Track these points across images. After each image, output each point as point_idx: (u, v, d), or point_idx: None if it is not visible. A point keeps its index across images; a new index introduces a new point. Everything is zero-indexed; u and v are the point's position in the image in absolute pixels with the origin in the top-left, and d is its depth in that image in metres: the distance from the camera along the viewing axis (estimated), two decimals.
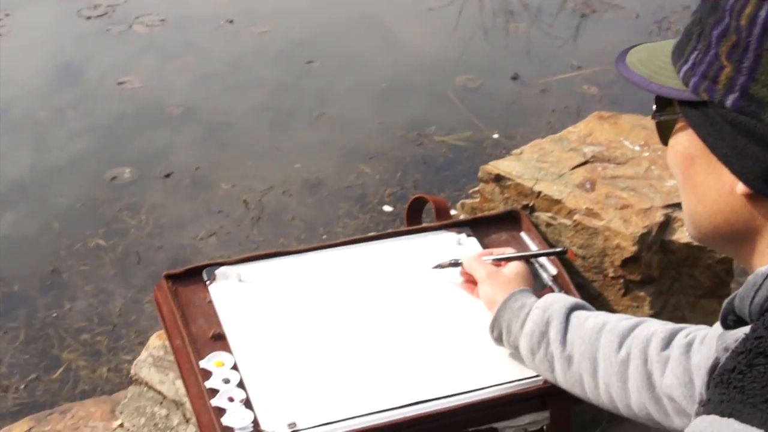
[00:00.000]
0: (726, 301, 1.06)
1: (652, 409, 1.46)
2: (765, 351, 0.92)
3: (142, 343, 2.95)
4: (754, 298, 0.99)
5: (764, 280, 0.98)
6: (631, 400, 1.48)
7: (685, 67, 1.03)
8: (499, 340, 1.68)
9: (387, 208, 3.60)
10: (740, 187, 1.00)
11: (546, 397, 1.68)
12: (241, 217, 3.55)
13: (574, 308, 1.61)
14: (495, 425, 1.70)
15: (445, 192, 3.68)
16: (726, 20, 0.98)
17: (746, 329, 0.99)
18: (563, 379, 1.59)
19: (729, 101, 0.98)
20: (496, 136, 4.04)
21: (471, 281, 1.79)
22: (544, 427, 1.75)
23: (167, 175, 3.76)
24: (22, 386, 2.82)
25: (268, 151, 3.94)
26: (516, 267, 1.74)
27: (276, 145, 3.98)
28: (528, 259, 1.81)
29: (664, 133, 1.11)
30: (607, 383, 1.51)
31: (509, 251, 1.79)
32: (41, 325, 3.03)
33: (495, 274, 1.73)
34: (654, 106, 1.10)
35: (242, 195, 3.65)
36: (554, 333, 1.58)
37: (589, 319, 1.57)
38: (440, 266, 1.83)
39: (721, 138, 1.00)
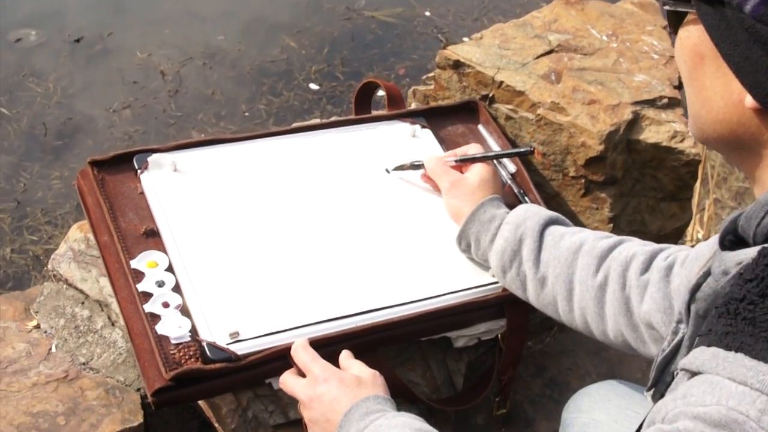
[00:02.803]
0: (728, 219, 0.96)
1: (629, 336, 1.35)
2: None
3: (50, 223, 2.76)
4: (763, 218, 0.90)
5: None
6: (608, 326, 1.37)
7: None
8: (467, 251, 1.55)
9: (313, 86, 3.41)
10: (749, 100, 0.90)
11: (504, 305, 1.57)
12: (157, 89, 3.31)
13: (548, 224, 1.47)
14: (448, 334, 1.59)
15: (374, 71, 3.50)
16: None
17: (750, 252, 0.89)
18: (535, 300, 1.46)
19: (749, 6, 0.87)
20: (427, 13, 3.85)
21: (434, 184, 1.65)
22: (498, 336, 1.64)
23: (77, 40, 3.48)
24: None
25: (187, 20, 3.68)
26: (480, 171, 1.59)
27: (196, 13, 3.72)
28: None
29: (674, 22, 0.98)
30: (583, 308, 1.40)
31: (473, 150, 1.64)
32: None
33: (459, 183, 1.58)
34: None
35: (159, 65, 3.41)
36: (527, 252, 1.45)
37: (565, 238, 1.44)
38: (401, 168, 1.67)
39: (735, 44, 0.89)
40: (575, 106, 1.75)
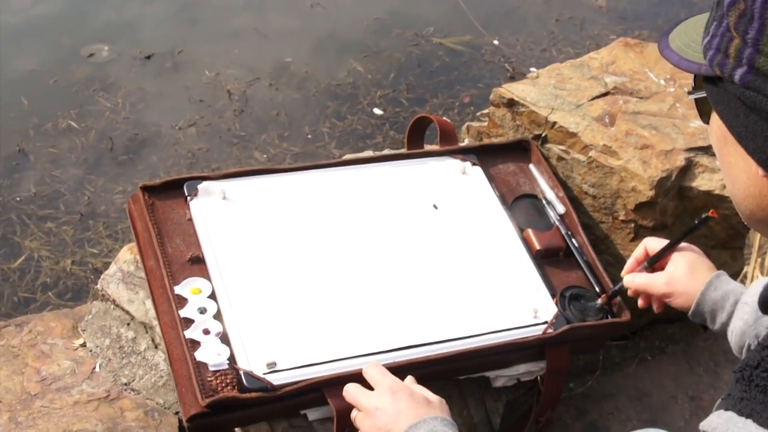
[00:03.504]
0: (764, 287, 0.96)
1: None
2: None
3: (111, 237, 2.82)
4: None
5: None
6: None
7: (706, 40, 0.92)
8: (702, 323, 1.47)
9: (377, 111, 3.42)
10: (761, 170, 0.89)
11: (545, 347, 1.56)
12: (223, 108, 3.36)
13: None
14: (487, 374, 1.59)
15: (439, 98, 3.51)
16: None
17: None
18: None
19: (737, 76, 0.87)
20: (496, 42, 3.84)
21: (646, 297, 1.54)
22: (538, 378, 1.64)
23: (148, 57, 3.56)
24: None
25: (257, 39, 3.73)
26: (683, 256, 1.48)
27: (265, 32, 3.77)
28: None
29: (703, 111, 0.99)
30: None
31: (651, 244, 1.52)
32: (3, 210, 2.84)
33: (673, 279, 1.47)
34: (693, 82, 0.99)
35: (226, 85, 3.46)
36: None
37: None
38: (601, 305, 1.62)
39: (736, 116, 0.89)
40: (627, 150, 1.74)
